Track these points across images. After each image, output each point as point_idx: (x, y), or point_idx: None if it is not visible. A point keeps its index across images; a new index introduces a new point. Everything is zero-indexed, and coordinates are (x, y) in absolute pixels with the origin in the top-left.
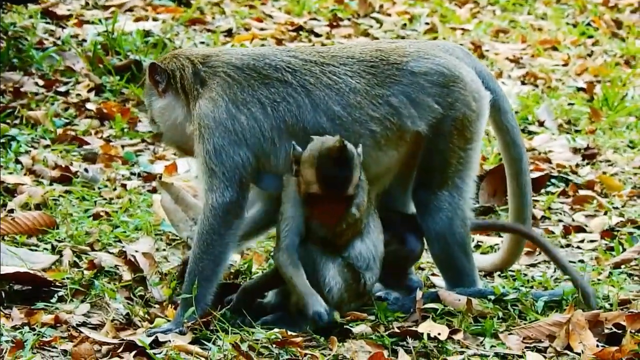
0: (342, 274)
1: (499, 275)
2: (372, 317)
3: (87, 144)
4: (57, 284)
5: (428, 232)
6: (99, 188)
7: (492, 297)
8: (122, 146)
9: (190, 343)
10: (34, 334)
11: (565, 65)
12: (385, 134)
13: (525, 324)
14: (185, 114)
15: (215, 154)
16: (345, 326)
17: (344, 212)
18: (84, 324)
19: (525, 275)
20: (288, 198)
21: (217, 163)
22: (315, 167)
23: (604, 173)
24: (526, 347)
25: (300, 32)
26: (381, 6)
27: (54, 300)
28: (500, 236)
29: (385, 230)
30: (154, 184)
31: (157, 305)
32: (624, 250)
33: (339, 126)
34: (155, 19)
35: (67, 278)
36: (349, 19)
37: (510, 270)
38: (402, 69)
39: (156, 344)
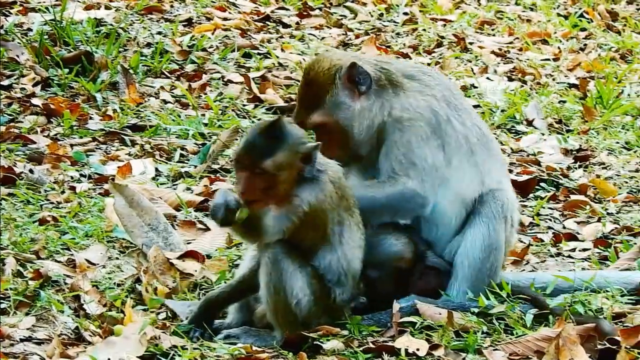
0: (311, 286)
1: (487, 288)
2: (346, 332)
3: (33, 142)
4: None
5: None
6: (45, 191)
7: (476, 310)
8: (71, 145)
9: (144, 359)
10: None
11: (555, 59)
12: None
13: (511, 338)
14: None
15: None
16: (315, 341)
17: (262, 191)
18: (29, 339)
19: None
20: None
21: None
22: (246, 133)
23: (598, 176)
24: None
25: (267, 22)
26: None
27: None
28: None
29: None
30: (106, 186)
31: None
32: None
33: None
34: (107, 7)
35: (10, 289)
36: (320, 9)
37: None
38: None
39: None
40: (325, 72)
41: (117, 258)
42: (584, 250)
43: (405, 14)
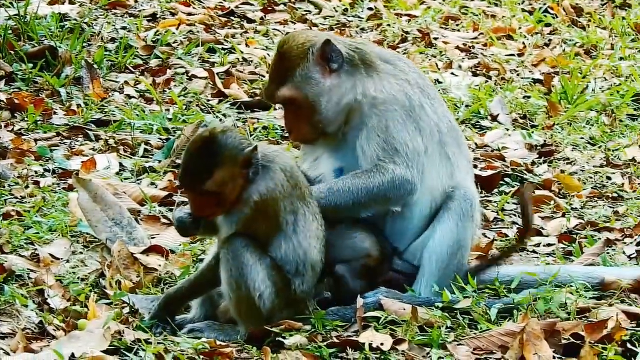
0: (272, 277)
1: (452, 282)
2: (309, 327)
3: None
4: None
5: None
6: (9, 186)
7: (441, 305)
8: (36, 140)
9: (108, 353)
10: None
11: (520, 55)
12: None
13: (475, 333)
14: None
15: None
16: (278, 337)
17: (213, 207)
18: None
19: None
20: None
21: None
22: (183, 153)
23: (563, 172)
24: (477, 359)
25: (232, 18)
26: None
27: None
28: None
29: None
30: (70, 181)
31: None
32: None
33: None
34: (72, 2)
35: None
36: (284, 4)
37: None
38: None
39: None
40: (299, 46)
41: (81, 253)
42: (549, 245)
43: (370, 9)
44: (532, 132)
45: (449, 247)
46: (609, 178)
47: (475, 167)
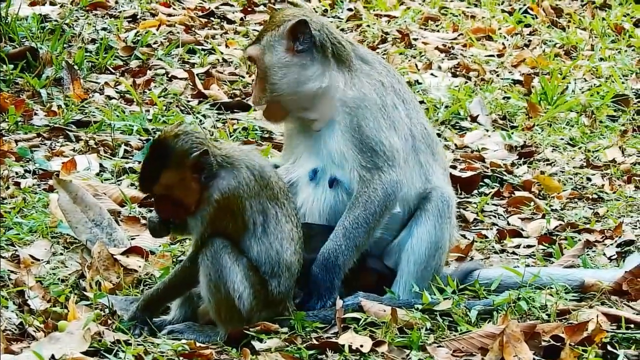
0: (249, 278)
1: (432, 283)
2: (286, 330)
3: None
4: None
5: None
6: None
7: (420, 307)
8: (16, 141)
9: (88, 355)
10: None
11: (500, 56)
12: None
13: (455, 335)
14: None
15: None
16: (254, 339)
17: (175, 209)
18: None
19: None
20: None
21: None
22: None
23: (542, 173)
24: None
25: (212, 18)
26: None
27: None
28: None
29: None
30: (50, 182)
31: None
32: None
33: None
34: (52, 3)
35: None
36: (264, 5)
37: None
38: None
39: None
40: (281, 17)
41: (61, 254)
42: (529, 246)
43: (350, 9)
44: (512, 133)
45: (426, 248)
46: (589, 179)
47: (455, 167)
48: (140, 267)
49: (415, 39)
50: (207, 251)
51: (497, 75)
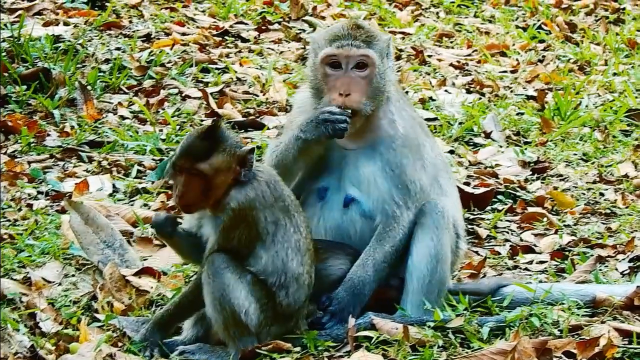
0: (254, 292)
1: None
2: (299, 348)
3: None
4: None
5: None
6: (2, 208)
7: (432, 324)
8: (29, 162)
9: None
10: None
11: (514, 71)
12: None
13: (467, 352)
14: None
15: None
16: (268, 358)
17: (198, 194)
18: None
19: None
20: None
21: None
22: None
23: (555, 188)
24: None
25: (226, 37)
26: (314, 8)
27: None
28: None
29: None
30: (62, 203)
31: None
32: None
33: None
34: (66, 24)
35: None
36: (279, 22)
37: (453, 294)
38: None
39: None
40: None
41: (73, 275)
42: (541, 262)
43: None
44: (525, 149)
45: (427, 262)
46: (601, 194)
47: (468, 184)
48: (152, 287)
49: (429, 56)
50: (208, 269)
51: (511, 91)
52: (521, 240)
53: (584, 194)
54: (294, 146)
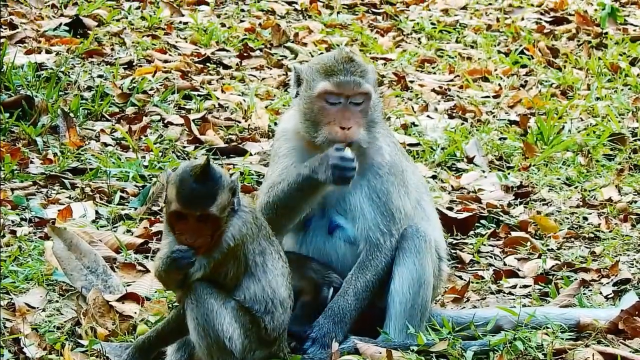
0: (239, 319)
1: (428, 324)
2: None
3: None
4: None
5: None
6: None
7: (416, 348)
8: (12, 189)
9: None
10: None
11: (496, 96)
12: None
13: None
14: None
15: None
16: None
17: (209, 235)
18: None
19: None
20: (164, 227)
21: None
22: (176, 183)
23: (539, 213)
24: None
25: (208, 64)
26: (296, 35)
27: None
28: None
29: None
30: (46, 230)
31: None
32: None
33: None
34: (48, 51)
35: None
36: (260, 49)
37: (436, 317)
38: None
39: None
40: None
41: (56, 301)
42: (525, 286)
43: None
44: (508, 174)
45: (409, 286)
46: (585, 218)
47: (451, 209)
48: (135, 313)
49: (411, 81)
50: (191, 296)
51: (494, 116)
52: (505, 264)
53: (567, 218)
54: (302, 186)
